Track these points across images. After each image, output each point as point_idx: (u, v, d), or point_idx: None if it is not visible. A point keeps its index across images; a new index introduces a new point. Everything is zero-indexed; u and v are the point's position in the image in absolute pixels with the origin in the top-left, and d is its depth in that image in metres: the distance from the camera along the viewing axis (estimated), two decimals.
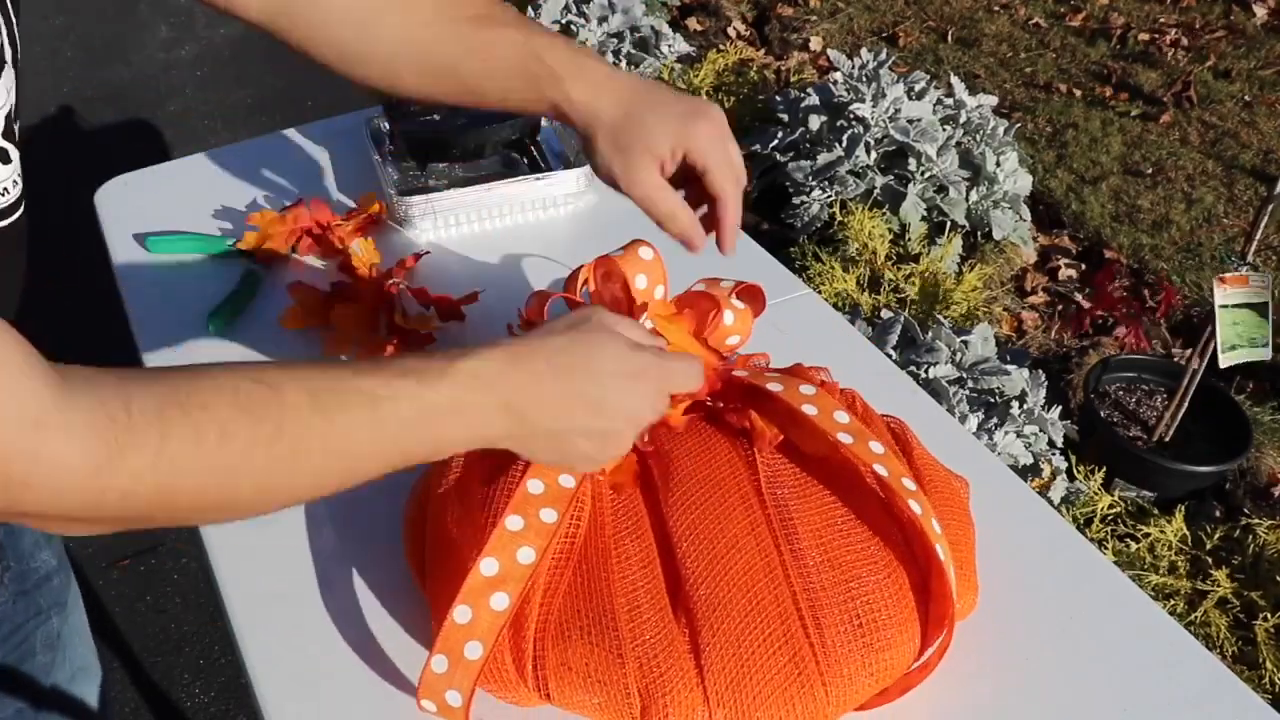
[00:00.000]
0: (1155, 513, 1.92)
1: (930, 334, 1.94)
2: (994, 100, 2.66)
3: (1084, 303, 2.45)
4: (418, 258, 1.16)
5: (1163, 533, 1.82)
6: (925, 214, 2.51)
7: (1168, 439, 2.03)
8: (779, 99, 2.77)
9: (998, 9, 3.83)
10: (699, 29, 3.73)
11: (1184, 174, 2.94)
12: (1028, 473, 1.87)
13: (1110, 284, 2.41)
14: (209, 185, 1.30)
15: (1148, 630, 0.79)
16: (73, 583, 1.01)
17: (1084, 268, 2.62)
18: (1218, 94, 3.27)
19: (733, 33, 3.67)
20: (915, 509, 0.70)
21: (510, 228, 1.26)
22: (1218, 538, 1.83)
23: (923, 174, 2.52)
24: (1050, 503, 1.63)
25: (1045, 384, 1.93)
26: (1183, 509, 1.88)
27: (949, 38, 3.68)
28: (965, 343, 1.92)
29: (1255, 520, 1.84)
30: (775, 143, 2.67)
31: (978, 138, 2.59)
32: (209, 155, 1.38)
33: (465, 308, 1.10)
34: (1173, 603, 1.74)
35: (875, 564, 0.71)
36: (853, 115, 2.56)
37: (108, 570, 2.04)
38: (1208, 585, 1.74)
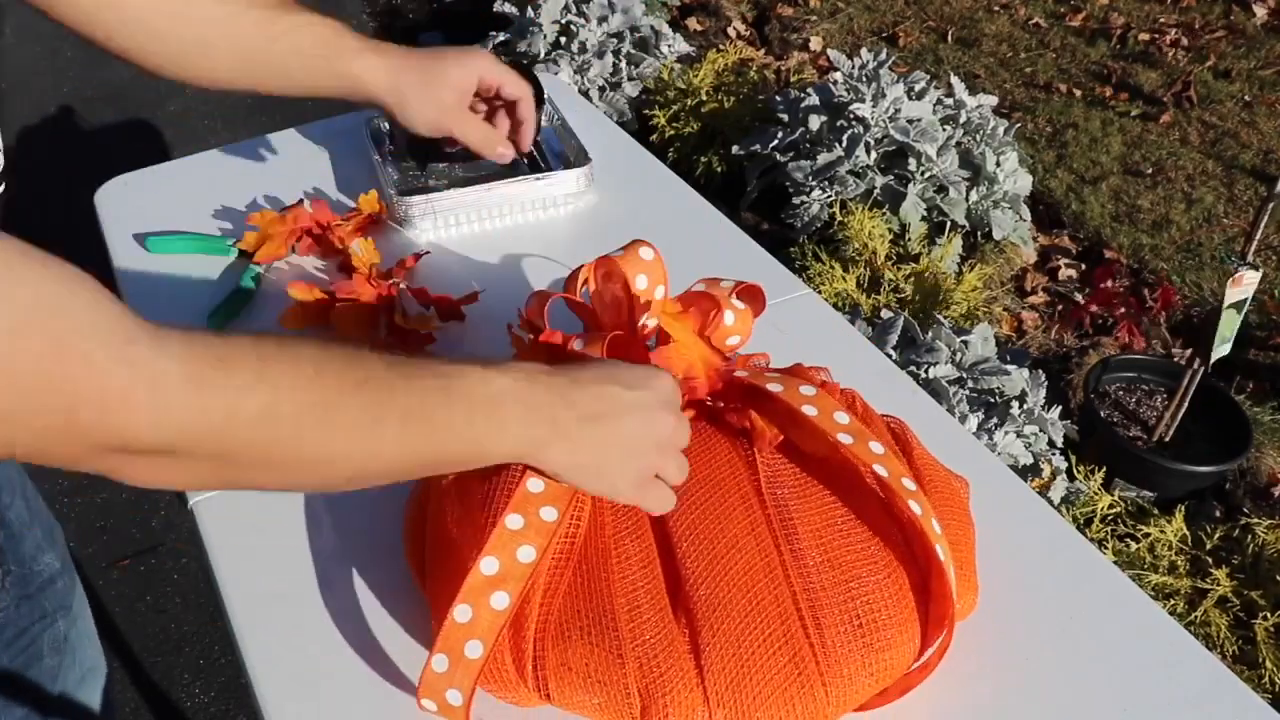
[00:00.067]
0: (1155, 513, 1.92)
1: (930, 334, 1.94)
2: (994, 100, 2.66)
3: (1084, 302, 2.45)
4: (418, 258, 1.16)
5: (1163, 533, 1.82)
6: (925, 214, 2.51)
7: (1168, 439, 2.03)
8: (779, 99, 2.77)
9: (998, 9, 3.84)
10: (699, 29, 3.73)
11: (1184, 174, 2.94)
12: (1028, 473, 1.87)
13: (1109, 283, 2.41)
14: (209, 185, 1.30)
15: (1148, 630, 0.79)
16: (78, 585, 1.01)
17: (1084, 268, 2.62)
18: (1218, 94, 3.27)
19: (733, 33, 3.67)
20: (915, 509, 0.70)
21: (510, 228, 1.26)
22: (1218, 537, 1.83)
23: (923, 174, 2.52)
24: (1050, 503, 1.63)
25: (1045, 384, 1.93)
26: (1183, 509, 1.88)
27: (949, 38, 3.68)
28: (965, 343, 1.92)
29: (1255, 520, 1.84)
30: (775, 143, 2.67)
31: (978, 138, 2.59)
32: (209, 155, 1.38)
33: (465, 308, 1.10)
34: (1173, 603, 1.74)
35: (875, 564, 0.71)
36: (853, 115, 2.56)
37: (108, 570, 2.04)
38: (1208, 585, 1.74)
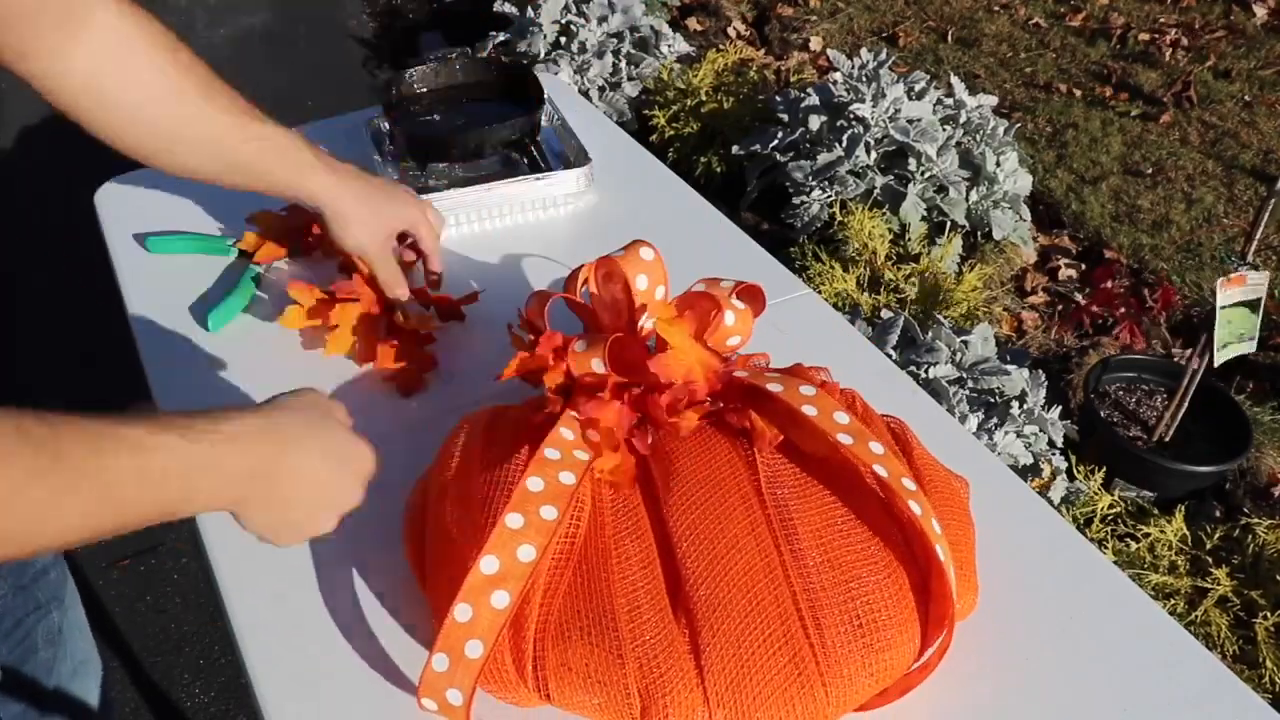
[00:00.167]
0: (1155, 513, 1.92)
1: (930, 334, 1.94)
2: (994, 100, 2.66)
3: (1083, 302, 2.45)
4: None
5: (1163, 533, 1.82)
6: (925, 214, 2.51)
7: (1168, 439, 2.03)
8: (779, 99, 2.77)
9: (998, 9, 3.84)
10: (699, 29, 3.73)
11: (1184, 174, 2.94)
12: (1028, 473, 1.87)
13: (1109, 283, 2.41)
14: (209, 185, 1.30)
15: (1148, 630, 0.79)
16: (69, 578, 1.01)
17: (1084, 268, 2.62)
18: (1218, 94, 3.27)
19: (733, 33, 3.67)
20: (915, 509, 0.70)
21: (510, 228, 1.26)
22: (1218, 537, 1.83)
23: (923, 174, 2.52)
24: (1050, 503, 1.63)
25: (1045, 384, 1.93)
26: (1183, 509, 1.87)
27: (949, 38, 3.68)
28: (965, 343, 1.92)
29: (1255, 520, 1.84)
30: (775, 143, 2.67)
31: (978, 138, 2.59)
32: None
33: (465, 308, 1.10)
34: (1173, 602, 1.74)
35: (875, 564, 0.71)
36: (853, 115, 2.56)
37: (108, 570, 2.04)
38: (1208, 585, 1.74)
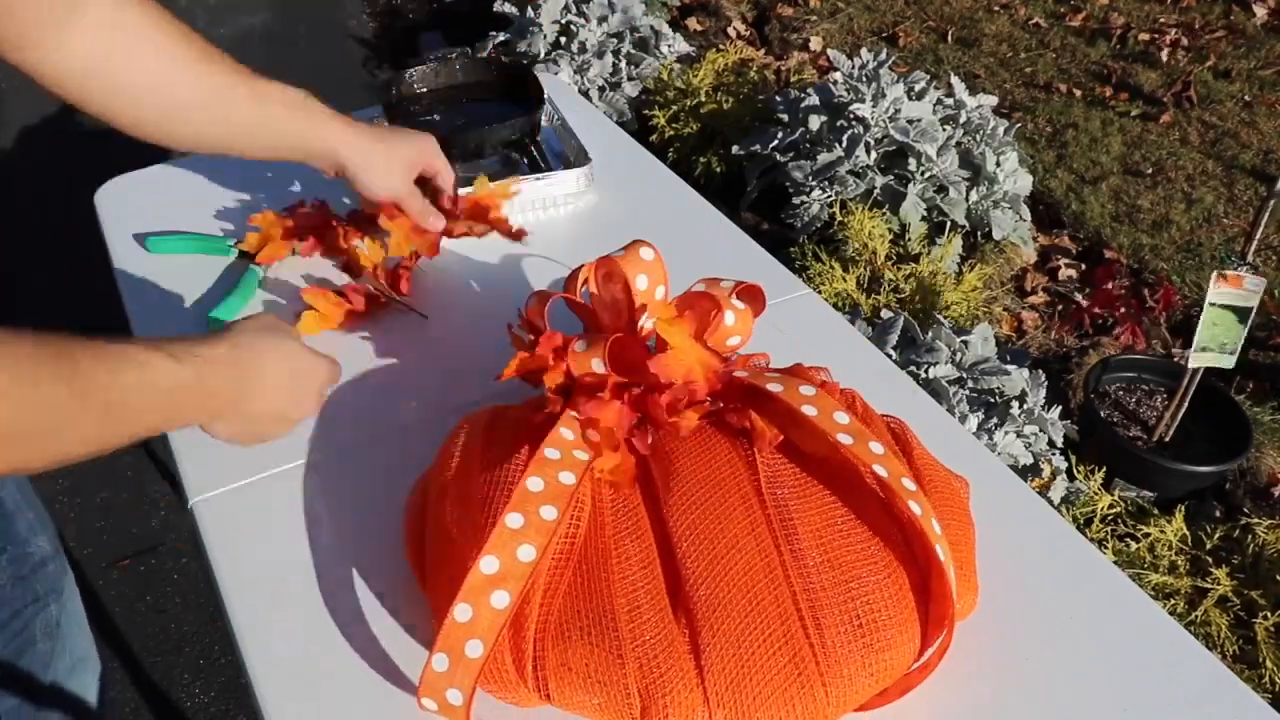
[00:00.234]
0: (1155, 513, 1.92)
1: (930, 334, 1.94)
2: (994, 100, 2.66)
3: (1084, 302, 2.45)
4: (419, 255, 1.16)
5: (1163, 533, 1.82)
6: (925, 214, 2.51)
7: (1168, 439, 2.03)
8: (779, 99, 2.77)
9: (998, 9, 3.84)
10: (699, 29, 3.73)
11: (1184, 174, 2.94)
12: (1028, 473, 1.87)
13: (1110, 283, 2.41)
14: (209, 185, 1.30)
15: (1148, 630, 0.79)
16: (68, 571, 1.02)
17: (1084, 268, 2.62)
18: (1218, 94, 3.27)
19: (733, 33, 3.67)
20: (915, 509, 0.70)
21: None
22: (1218, 537, 1.83)
23: (923, 174, 2.52)
24: (1050, 503, 1.63)
25: (1045, 384, 1.93)
26: (1183, 509, 1.87)
27: (949, 38, 3.68)
28: (965, 343, 1.92)
29: (1255, 520, 1.84)
30: (775, 143, 2.67)
31: (978, 138, 2.59)
32: (209, 155, 1.37)
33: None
34: (1173, 602, 1.74)
35: (875, 564, 0.71)
36: (853, 115, 2.56)
37: (108, 570, 2.04)
38: (1208, 585, 1.74)
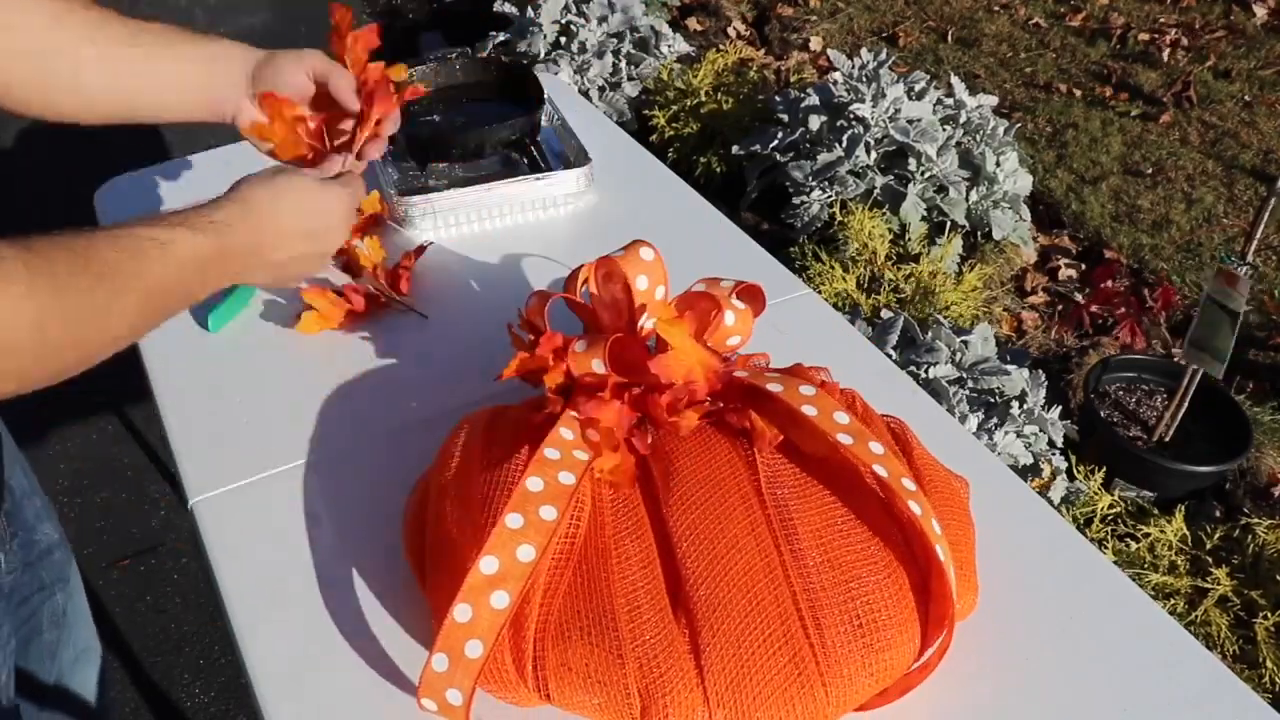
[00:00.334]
0: (1155, 513, 1.92)
1: (930, 334, 1.94)
2: (994, 100, 2.66)
3: (1083, 301, 2.45)
4: (421, 250, 1.17)
5: (1163, 533, 1.82)
6: (925, 214, 2.51)
7: (1168, 439, 2.03)
8: (779, 99, 2.77)
9: (998, 9, 3.84)
10: (699, 29, 3.73)
11: (1184, 174, 2.94)
12: (1028, 473, 1.87)
13: (1109, 283, 2.41)
14: (209, 185, 1.29)
15: (1148, 630, 0.79)
16: (73, 561, 1.02)
17: (1084, 268, 2.62)
18: (1218, 94, 3.27)
19: (733, 33, 3.67)
20: (915, 509, 0.70)
21: (510, 228, 1.26)
22: (1218, 537, 1.83)
23: (923, 174, 2.52)
24: (1050, 503, 1.63)
25: (1045, 384, 1.93)
26: (1183, 509, 1.87)
27: (949, 38, 3.68)
28: (965, 343, 1.92)
29: (1255, 520, 1.84)
30: (775, 143, 2.67)
31: (978, 138, 2.59)
32: (209, 155, 1.38)
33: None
34: (1173, 602, 1.74)
35: (875, 564, 0.71)
36: (853, 115, 2.56)
37: (108, 570, 2.04)
38: (1208, 585, 1.74)
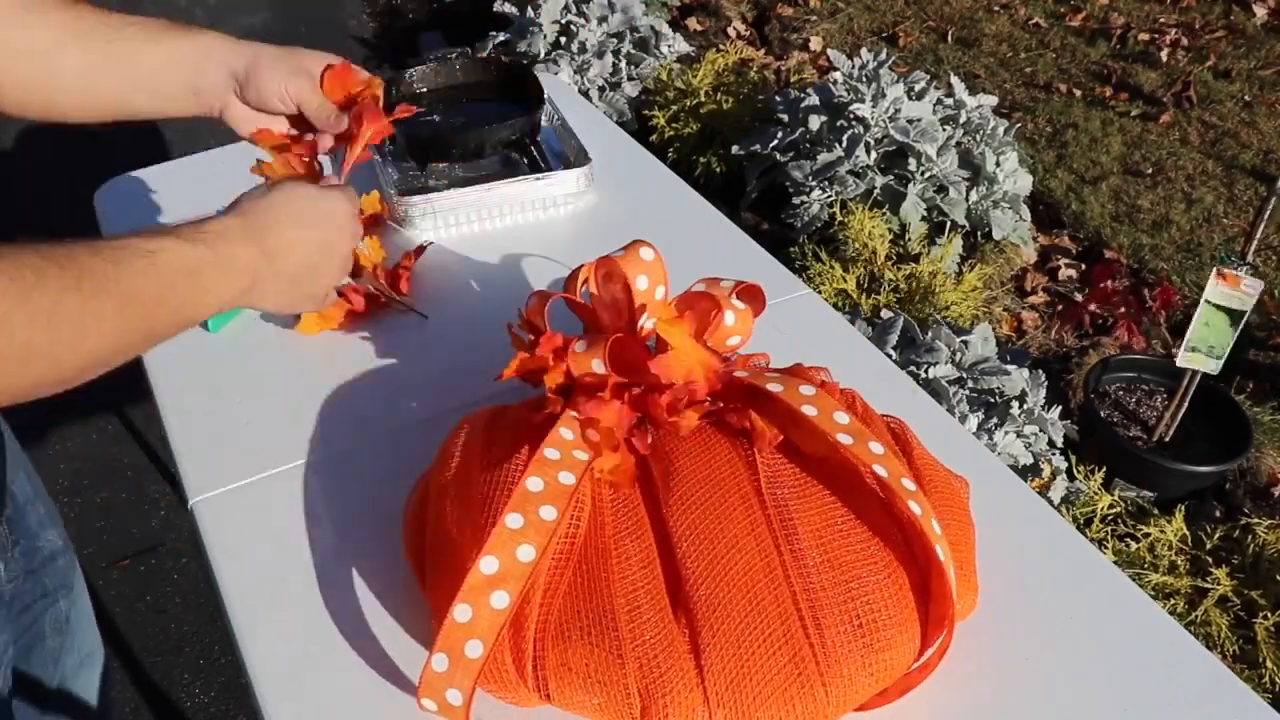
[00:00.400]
0: (1155, 513, 1.92)
1: (930, 334, 1.94)
2: (994, 100, 2.66)
3: (1083, 301, 2.45)
4: (421, 250, 1.17)
5: (1163, 533, 1.82)
6: (925, 214, 2.51)
7: (1168, 439, 2.03)
8: (779, 99, 2.77)
9: (998, 9, 3.84)
10: (699, 29, 3.73)
11: (1184, 174, 2.94)
12: (1028, 473, 1.87)
13: (1109, 283, 2.41)
14: (209, 185, 1.30)
15: (1148, 630, 0.79)
16: (77, 567, 1.02)
17: (1084, 268, 2.62)
18: (1218, 94, 3.27)
19: (733, 33, 3.68)
20: (915, 509, 0.70)
21: (510, 228, 1.26)
22: (1218, 537, 1.83)
23: (923, 174, 2.52)
24: (1050, 503, 1.63)
25: (1045, 384, 1.93)
26: (1183, 509, 1.88)
27: (949, 38, 3.68)
28: (965, 343, 1.92)
29: (1255, 520, 1.84)
30: (775, 143, 2.67)
31: (978, 138, 2.59)
32: (209, 155, 1.38)
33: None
34: (1173, 602, 1.74)
35: (875, 564, 0.71)
36: (853, 115, 2.56)
37: (108, 570, 2.04)
38: (1208, 585, 1.74)
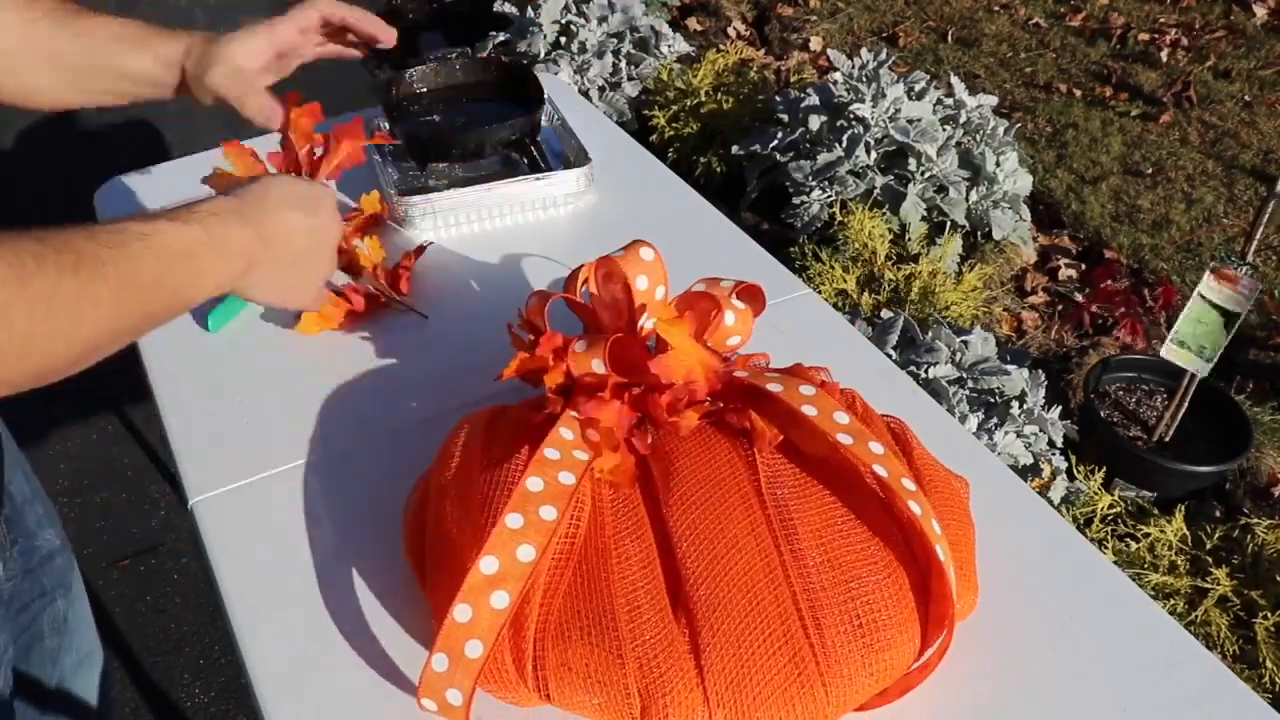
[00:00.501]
0: (1155, 513, 1.92)
1: (930, 334, 1.94)
2: (994, 100, 2.66)
3: (1083, 300, 2.45)
4: (421, 250, 1.17)
5: (1163, 533, 1.82)
6: (925, 214, 2.51)
7: (1168, 439, 2.03)
8: (779, 99, 2.77)
9: (998, 9, 3.84)
10: (699, 29, 3.73)
11: (1184, 174, 2.94)
12: (1028, 473, 1.87)
13: (1110, 283, 2.41)
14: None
15: (1148, 630, 0.79)
16: (75, 566, 1.02)
17: (1084, 268, 2.62)
18: (1218, 94, 3.27)
19: (733, 33, 3.68)
20: (915, 509, 0.70)
21: (510, 228, 1.26)
22: (1218, 537, 1.83)
23: (923, 174, 2.52)
24: (1050, 503, 1.63)
25: (1045, 384, 1.93)
26: (1183, 509, 1.88)
27: (949, 38, 3.68)
28: (965, 343, 1.92)
29: (1255, 520, 1.84)
30: (775, 143, 2.67)
31: (978, 138, 2.59)
32: (209, 155, 1.37)
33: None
34: (1173, 602, 1.74)
35: (875, 564, 0.71)
36: (853, 115, 2.56)
37: (108, 570, 2.04)
38: (1208, 585, 1.74)
